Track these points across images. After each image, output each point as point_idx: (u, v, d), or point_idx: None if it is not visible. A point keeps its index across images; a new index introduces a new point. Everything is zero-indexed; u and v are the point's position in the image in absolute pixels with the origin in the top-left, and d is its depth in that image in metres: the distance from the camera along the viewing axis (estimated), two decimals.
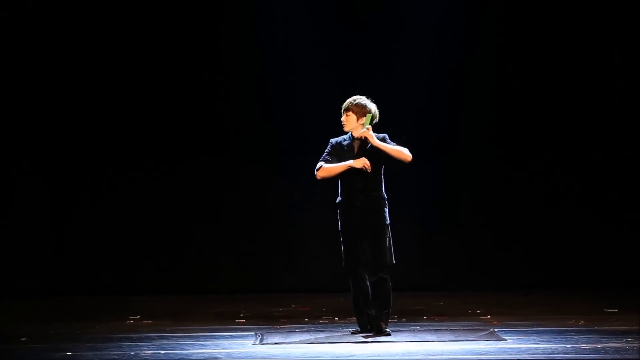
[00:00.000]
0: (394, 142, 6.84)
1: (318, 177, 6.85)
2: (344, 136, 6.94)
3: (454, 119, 10.50)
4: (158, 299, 9.99)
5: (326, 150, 6.91)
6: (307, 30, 10.35)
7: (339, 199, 6.93)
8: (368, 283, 6.84)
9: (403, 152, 6.72)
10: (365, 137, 6.75)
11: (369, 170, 6.67)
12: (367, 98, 6.90)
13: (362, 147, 6.83)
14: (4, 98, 10.19)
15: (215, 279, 10.53)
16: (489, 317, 8.17)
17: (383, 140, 6.82)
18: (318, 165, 6.84)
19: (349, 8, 10.45)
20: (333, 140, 6.95)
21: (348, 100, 6.86)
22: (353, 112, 6.80)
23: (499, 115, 10.53)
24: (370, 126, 6.74)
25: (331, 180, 6.98)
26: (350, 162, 6.74)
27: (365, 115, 6.75)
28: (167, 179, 10.51)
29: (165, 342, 6.75)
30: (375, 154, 6.79)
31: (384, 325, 6.86)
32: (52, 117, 10.39)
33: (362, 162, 6.70)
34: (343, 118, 6.83)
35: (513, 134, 10.56)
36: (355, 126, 6.83)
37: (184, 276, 10.50)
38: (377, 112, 6.86)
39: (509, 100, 10.52)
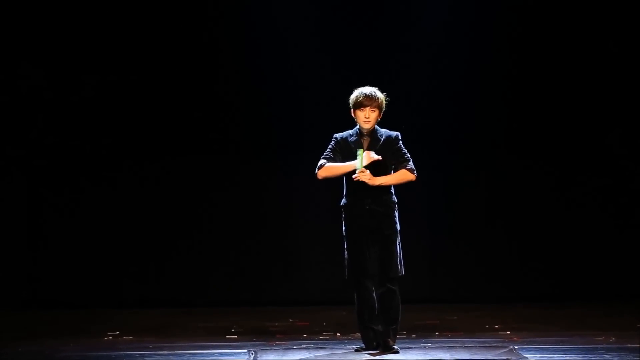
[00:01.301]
0: (402, 144, 6.90)
1: (319, 177, 6.84)
2: (350, 131, 6.93)
3: (468, 117, 10.56)
4: (140, 312, 10.02)
5: (329, 147, 6.90)
6: (308, 20, 10.44)
7: (343, 201, 6.92)
8: (374, 295, 6.84)
9: (407, 175, 6.81)
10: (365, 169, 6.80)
11: (378, 158, 6.65)
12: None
13: (372, 145, 6.83)
14: None
15: (204, 290, 10.56)
16: (508, 332, 8.19)
17: (395, 139, 6.85)
18: (320, 164, 6.83)
19: None
20: (337, 135, 6.93)
21: (373, 91, 6.81)
22: (379, 109, 6.82)
23: (516, 114, 10.59)
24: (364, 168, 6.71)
25: (334, 180, 6.99)
26: (354, 162, 6.75)
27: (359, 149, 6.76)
28: (151, 181, 10.56)
29: None
30: (385, 154, 6.81)
31: (391, 342, 6.85)
32: (29, 119, 10.51)
33: (367, 160, 6.70)
34: (366, 112, 6.80)
35: (532, 135, 10.62)
36: (375, 123, 6.84)
37: (169, 287, 10.52)
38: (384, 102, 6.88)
39: (527, 98, 10.59)
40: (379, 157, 6.70)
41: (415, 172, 6.81)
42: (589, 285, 10.48)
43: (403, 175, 6.80)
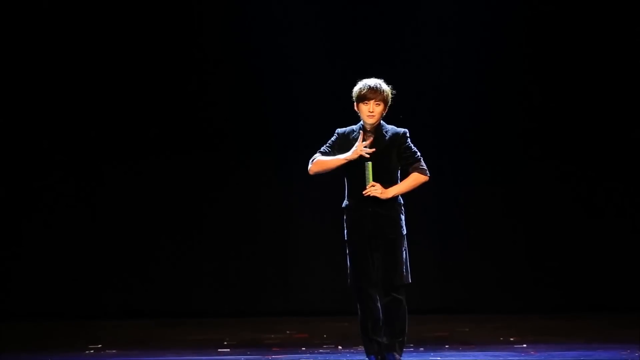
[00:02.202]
0: (411, 141, 6.88)
1: (311, 173, 6.83)
2: (354, 126, 6.89)
3: (485, 115, 10.60)
4: (124, 323, 10.03)
5: (329, 141, 6.90)
6: (308, 6, 10.52)
7: (345, 202, 6.86)
8: (379, 305, 6.81)
9: (420, 178, 6.81)
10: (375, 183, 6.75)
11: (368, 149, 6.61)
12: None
13: (377, 141, 6.78)
14: None
15: (194, 299, 10.58)
16: (524, 346, 8.18)
17: (403, 137, 6.83)
18: (313, 158, 6.83)
19: None
20: (340, 130, 6.91)
21: (378, 83, 6.79)
22: (384, 103, 6.79)
23: (537, 113, 10.64)
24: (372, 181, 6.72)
25: (335, 180, 6.98)
26: (347, 155, 6.70)
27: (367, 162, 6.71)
28: (135, 183, 10.59)
29: None
30: (391, 152, 6.81)
31: (397, 356, 6.79)
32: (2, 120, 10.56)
33: (358, 152, 6.67)
34: (370, 106, 6.77)
35: (554, 136, 10.67)
36: (380, 117, 6.82)
37: (155, 296, 10.54)
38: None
39: (549, 96, 10.65)
40: (370, 150, 6.68)
41: (427, 172, 6.79)
42: (611, 295, 10.51)
43: (416, 180, 6.80)
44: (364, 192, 6.68)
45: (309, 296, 10.50)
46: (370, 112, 6.73)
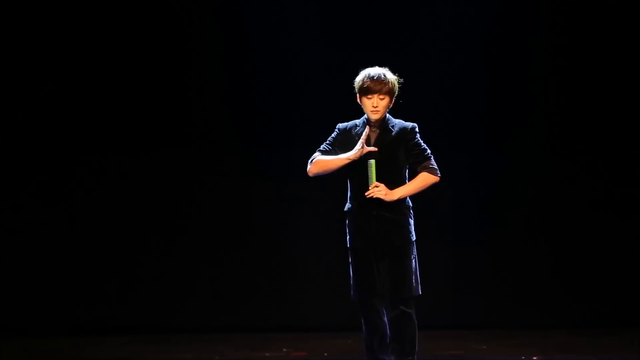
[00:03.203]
0: (421, 137, 6.89)
1: (310, 174, 6.85)
2: (356, 121, 6.92)
3: (506, 110, 10.57)
4: (102, 340, 9.99)
5: (329, 138, 6.91)
6: None
7: (348, 205, 6.88)
8: (386, 319, 6.83)
9: (429, 179, 6.83)
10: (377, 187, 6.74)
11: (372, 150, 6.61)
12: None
13: (383, 137, 6.79)
14: None
15: (179, 313, 10.52)
16: None
17: (411, 132, 6.84)
18: (312, 157, 6.85)
19: None
20: (341, 125, 6.93)
21: (382, 73, 6.78)
22: (390, 95, 6.80)
23: (564, 111, 10.61)
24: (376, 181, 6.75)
25: (337, 181, 6.98)
26: (350, 154, 6.72)
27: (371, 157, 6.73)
28: (111, 183, 10.55)
29: None
30: (398, 149, 6.81)
31: None
32: None
33: (360, 152, 6.67)
34: (374, 100, 6.77)
35: (582, 136, 10.64)
36: (385, 111, 6.84)
37: (136, 310, 10.48)
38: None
39: (576, 92, 10.63)
40: (375, 149, 6.69)
41: (438, 172, 6.83)
42: None
43: (425, 180, 6.82)
44: (366, 194, 6.69)
45: (308, 309, 10.45)
46: (374, 107, 6.75)
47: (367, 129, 6.69)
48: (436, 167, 6.80)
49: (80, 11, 10.41)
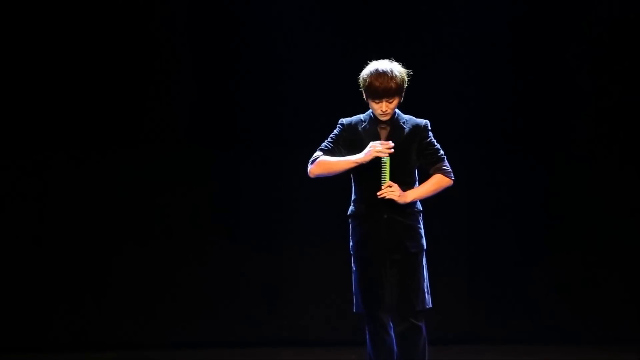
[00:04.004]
0: (433, 134, 6.89)
1: (311, 175, 6.83)
2: (362, 115, 6.90)
3: (523, 100, 10.50)
4: (77, 357, 9.95)
5: (331, 135, 6.88)
6: None
7: (352, 208, 6.85)
8: (393, 333, 6.83)
9: (443, 181, 6.85)
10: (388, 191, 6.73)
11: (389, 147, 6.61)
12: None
13: (394, 134, 6.76)
14: None
15: (163, 327, 10.43)
16: None
17: (424, 130, 6.83)
18: (313, 157, 6.82)
19: None
20: (344, 120, 6.90)
21: (388, 70, 6.73)
22: (400, 94, 6.76)
23: (598, 100, 10.55)
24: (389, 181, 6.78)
25: (340, 182, 6.96)
26: (359, 157, 6.71)
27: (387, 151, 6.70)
28: (82, 182, 10.45)
29: None
30: (410, 148, 6.79)
31: None
32: None
33: (372, 154, 6.64)
34: (383, 105, 6.75)
35: (618, 131, 10.57)
36: (393, 112, 6.82)
37: (113, 323, 10.41)
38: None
39: (608, 82, 10.58)
40: (390, 150, 6.66)
41: (452, 175, 6.84)
42: None
43: (439, 183, 6.83)
44: (378, 193, 6.65)
45: (307, 323, 10.40)
46: (382, 112, 6.76)
47: (380, 130, 6.72)
48: (450, 170, 6.82)
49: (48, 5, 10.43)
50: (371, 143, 6.63)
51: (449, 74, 10.33)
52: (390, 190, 6.63)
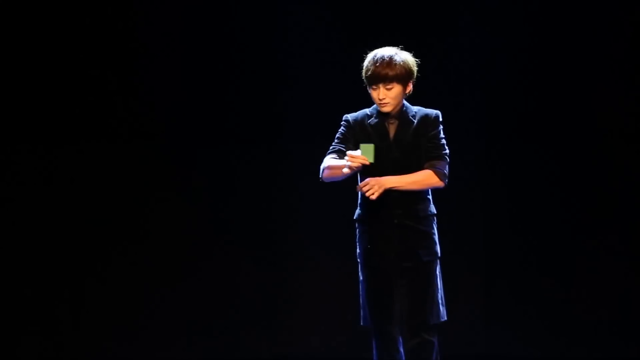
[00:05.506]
0: (442, 131, 6.88)
1: (325, 180, 6.85)
2: (367, 110, 6.90)
3: (548, 93, 10.29)
4: None
5: (337, 135, 6.91)
6: None
7: (359, 212, 6.86)
8: (402, 349, 6.82)
9: (431, 179, 6.72)
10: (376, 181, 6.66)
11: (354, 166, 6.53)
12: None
13: (402, 129, 6.75)
14: None
15: (150, 347, 10.30)
16: None
17: (434, 122, 6.78)
18: (324, 161, 6.82)
19: None
20: (349, 116, 6.91)
21: (388, 55, 6.71)
22: (402, 82, 6.73)
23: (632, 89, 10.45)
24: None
25: (345, 183, 6.92)
26: (344, 164, 6.60)
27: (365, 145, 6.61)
28: (63, 180, 10.28)
29: None
30: (419, 142, 6.75)
31: None
32: None
33: (359, 160, 6.53)
34: (380, 92, 6.74)
35: None
36: (400, 100, 6.80)
37: (94, 342, 10.23)
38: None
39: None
40: (368, 162, 6.57)
41: (446, 179, 6.78)
42: None
43: (428, 178, 6.75)
44: (356, 188, 6.66)
45: (310, 339, 10.27)
46: (380, 100, 6.76)
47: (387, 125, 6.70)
48: (445, 173, 6.75)
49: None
50: (348, 152, 6.55)
51: (464, 70, 10.19)
52: (369, 193, 6.52)
